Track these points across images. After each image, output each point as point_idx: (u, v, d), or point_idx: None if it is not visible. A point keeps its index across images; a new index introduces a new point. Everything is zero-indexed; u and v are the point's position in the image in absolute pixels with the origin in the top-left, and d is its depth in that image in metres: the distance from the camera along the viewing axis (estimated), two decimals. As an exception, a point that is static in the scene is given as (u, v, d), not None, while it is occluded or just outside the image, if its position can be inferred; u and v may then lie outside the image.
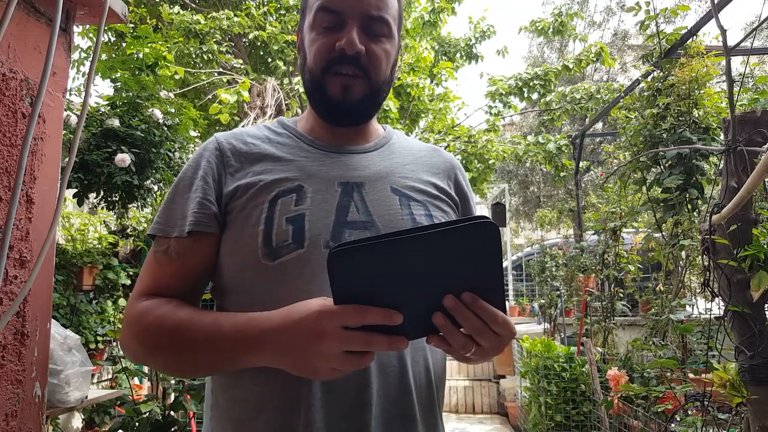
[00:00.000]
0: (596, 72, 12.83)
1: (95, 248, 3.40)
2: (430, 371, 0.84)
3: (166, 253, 0.83)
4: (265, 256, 0.79)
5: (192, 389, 2.58)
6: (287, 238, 0.79)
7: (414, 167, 0.94)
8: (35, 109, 0.77)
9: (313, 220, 0.81)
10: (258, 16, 6.48)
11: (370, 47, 0.85)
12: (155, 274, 0.84)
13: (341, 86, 0.85)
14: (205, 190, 0.85)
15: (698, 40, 3.18)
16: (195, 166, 0.88)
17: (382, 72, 0.87)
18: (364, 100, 0.87)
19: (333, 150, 0.91)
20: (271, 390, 0.77)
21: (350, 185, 0.86)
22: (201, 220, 0.83)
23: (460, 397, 6.14)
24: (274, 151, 0.89)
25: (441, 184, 0.95)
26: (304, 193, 0.83)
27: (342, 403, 0.76)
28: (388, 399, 0.78)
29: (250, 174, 0.86)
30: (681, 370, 2.64)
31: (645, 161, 3.20)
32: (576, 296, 4.80)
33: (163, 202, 0.89)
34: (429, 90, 6.92)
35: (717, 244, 1.77)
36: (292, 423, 0.75)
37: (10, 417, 0.91)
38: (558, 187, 10.94)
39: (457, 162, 1.02)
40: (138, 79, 3.13)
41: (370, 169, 0.89)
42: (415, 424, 0.80)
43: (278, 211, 0.81)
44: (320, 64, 0.85)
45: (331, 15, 0.84)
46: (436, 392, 0.85)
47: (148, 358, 0.81)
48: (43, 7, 0.98)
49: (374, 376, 0.77)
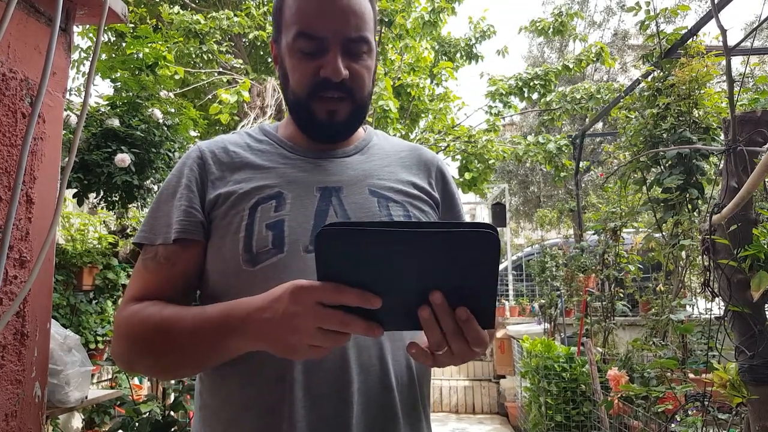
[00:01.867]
0: (596, 72, 12.83)
1: (95, 248, 3.40)
2: (412, 369, 0.85)
3: (155, 259, 0.84)
4: (246, 262, 0.80)
5: (192, 389, 2.58)
6: (267, 243, 0.80)
7: (393, 168, 0.95)
8: (35, 109, 0.77)
9: (293, 225, 0.82)
10: (258, 16, 6.48)
11: (352, 68, 0.85)
12: (144, 280, 0.85)
13: (327, 111, 0.86)
14: (190, 198, 0.86)
15: (698, 40, 3.18)
16: (179, 174, 0.90)
17: (366, 88, 0.88)
18: (349, 120, 0.88)
19: (312, 156, 0.92)
20: (255, 390, 0.79)
21: (329, 190, 0.87)
22: (187, 228, 0.84)
23: (460, 397, 6.14)
24: (254, 159, 0.90)
25: (421, 183, 0.96)
26: (283, 199, 0.85)
27: (324, 403, 0.77)
28: (369, 397, 0.79)
29: (230, 182, 0.87)
30: (681, 370, 2.64)
31: (645, 161, 3.20)
32: (576, 296, 4.80)
33: (149, 210, 0.90)
34: (429, 90, 6.92)
35: (717, 244, 1.77)
36: (276, 422, 0.76)
37: (10, 417, 0.90)
38: (558, 187, 10.94)
39: (439, 159, 1.03)
40: (138, 79, 3.13)
41: (349, 172, 0.91)
42: (397, 422, 0.81)
43: (258, 217, 0.83)
44: (305, 90, 0.86)
45: (312, 41, 0.83)
46: (419, 390, 0.86)
47: (134, 362, 0.81)
48: (43, 7, 0.98)
49: (355, 375, 0.78)
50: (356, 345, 0.79)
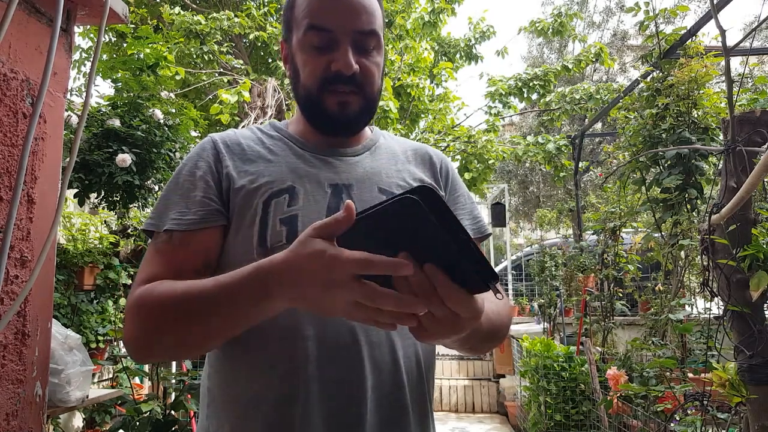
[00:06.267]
0: (596, 72, 12.82)
1: (96, 248, 3.40)
2: (421, 366, 0.86)
3: (169, 242, 0.83)
4: (260, 255, 0.77)
5: (193, 388, 2.58)
6: (281, 238, 0.81)
7: (401, 166, 0.97)
8: (36, 109, 0.77)
9: (306, 221, 0.82)
10: (258, 16, 6.49)
11: (363, 63, 0.86)
12: (157, 263, 0.82)
13: (338, 103, 0.87)
14: (206, 188, 0.86)
15: (697, 41, 3.18)
16: (192, 165, 0.89)
17: (375, 84, 0.90)
18: (360, 114, 0.89)
19: (323, 153, 0.93)
20: (267, 386, 0.78)
21: (340, 187, 0.88)
22: (204, 217, 0.84)
23: (459, 397, 6.15)
24: (266, 153, 0.91)
25: (429, 180, 0.97)
26: (296, 194, 0.85)
27: (338, 397, 0.78)
28: (382, 394, 0.80)
29: (243, 174, 0.87)
30: (680, 370, 2.64)
31: (644, 161, 3.21)
32: (575, 296, 4.80)
33: (160, 198, 0.88)
34: (429, 90, 6.93)
35: (716, 243, 1.77)
36: (289, 418, 0.77)
37: (11, 416, 0.91)
38: (557, 187, 10.94)
39: (445, 157, 1.05)
40: (139, 79, 3.13)
41: (358, 171, 0.92)
42: (408, 416, 0.83)
43: (272, 212, 0.83)
44: (316, 83, 0.86)
45: (323, 33, 0.84)
46: (426, 386, 0.88)
47: (154, 343, 0.75)
48: (44, 8, 0.99)
49: (368, 372, 0.79)
50: (369, 342, 0.80)
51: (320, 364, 0.78)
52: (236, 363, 0.82)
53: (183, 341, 0.73)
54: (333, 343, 0.79)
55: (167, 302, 0.72)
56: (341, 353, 0.78)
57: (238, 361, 0.81)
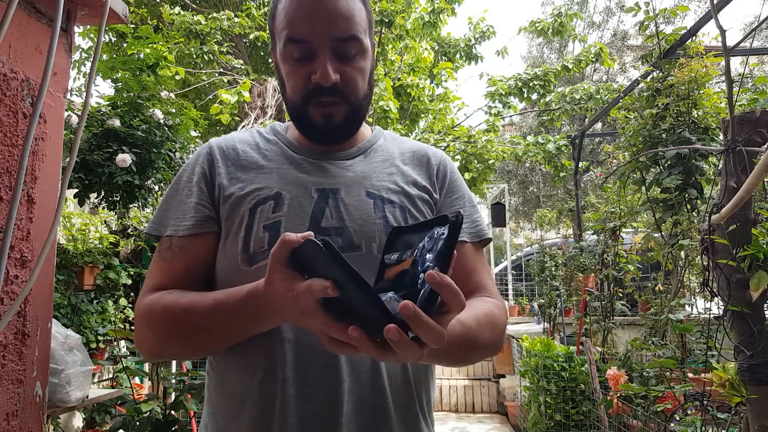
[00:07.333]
0: (596, 72, 12.82)
1: (96, 248, 3.41)
2: (407, 370, 0.85)
3: (170, 249, 0.87)
4: (243, 261, 0.83)
5: (192, 388, 2.58)
6: (263, 244, 0.83)
7: (395, 168, 0.96)
8: (36, 109, 0.77)
9: (289, 226, 0.84)
10: (258, 16, 6.49)
11: (344, 71, 0.85)
12: (161, 270, 0.87)
13: (323, 115, 0.87)
14: (199, 194, 0.89)
15: (697, 41, 3.19)
16: (190, 170, 0.93)
17: (360, 90, 0.89)
18: (346, 123, 0.89)
19: (316, 157, 0.93)
20: (251, 385, 0.82)
21: (326, 191, 0.88)
22: (197, 223, 0.88)
23: (459, 397, 6.15)
24: (260, 159, 0.93)
25: (422, 181, 0.96)
26: (282, 200, 0.86)
27: (315, 399, 0.79)
28: (361, 397, 0.81)
29: (235, 181, 0.90)
30: (680, 370, 2.64)
31: (644, 161, 3.21)
32: (575, 296, 4.80)
33: (161, 202, 0.93)
34: (429, 90, 6.93)
35: (716, 243, 1.77)
36: (269, 416, 0.80)
37: (11, 416, 0.91)
38: (557, 187, 10.94)
39: (445, 156, 1.03)
40: (139, 79, 3.13)
41: (348, 174, 0.92)
42: (390, 422, 0.82)
43: (257, 218, 0.85)
44: (299, 96, 0.87)
45: (301, 45, 0.84)
46: (415, 390, 0.86)
47: (165, 348, 0.84)
48: (44, 8, 0.99)
49: (346, 375, 0.80)
50: None
51: (297, 366, 0.80)
52: (226, 363, 0.86)
53: (190, 348, 0.84)
54: (310, 346, 0.80)
55: (172, 314, 0.80)
56: (318, 356, 0.79)
57: (227, 361, 0.85)
